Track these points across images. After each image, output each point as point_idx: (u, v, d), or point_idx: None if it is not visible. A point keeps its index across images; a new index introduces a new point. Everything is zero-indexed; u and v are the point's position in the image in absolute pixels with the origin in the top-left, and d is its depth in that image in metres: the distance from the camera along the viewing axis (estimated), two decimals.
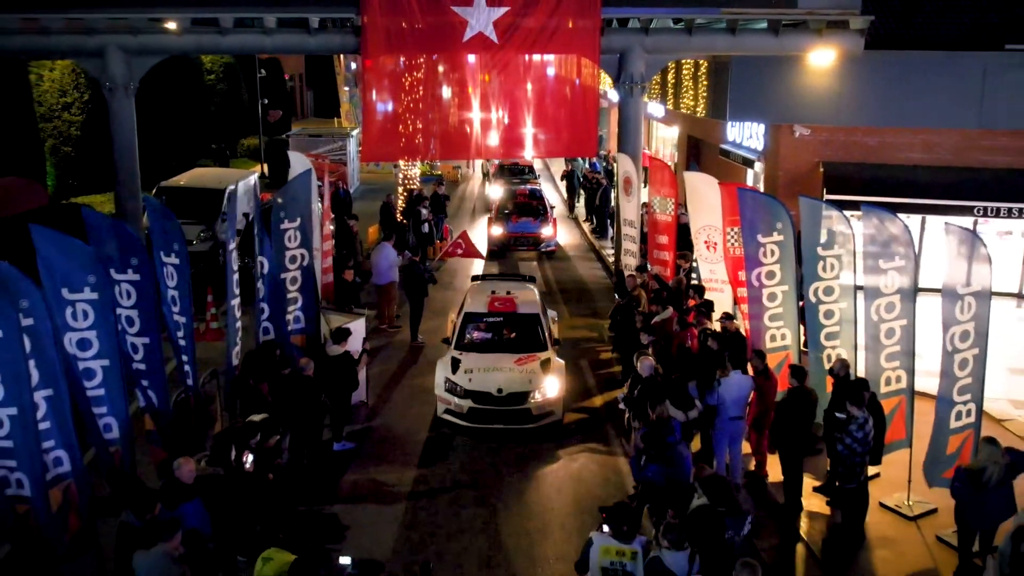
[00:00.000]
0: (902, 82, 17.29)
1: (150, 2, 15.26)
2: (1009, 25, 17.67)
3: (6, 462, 7.57)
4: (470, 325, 13.57)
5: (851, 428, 9.05)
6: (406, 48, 16.08)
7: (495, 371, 12.53)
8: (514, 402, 12.29)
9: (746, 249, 11.49)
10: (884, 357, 10.09)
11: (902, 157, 18.18)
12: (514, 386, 12.33)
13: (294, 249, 11.96)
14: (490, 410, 12.27)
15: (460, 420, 12.43)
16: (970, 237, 9.36)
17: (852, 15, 15.52)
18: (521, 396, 12.29)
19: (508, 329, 13.54)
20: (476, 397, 12.28)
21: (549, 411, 12.50)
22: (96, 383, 8.81)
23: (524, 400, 12.29)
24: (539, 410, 12.39)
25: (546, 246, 22.95)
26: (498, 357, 12.89)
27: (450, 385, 12.46)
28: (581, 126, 16.59)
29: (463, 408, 12.36)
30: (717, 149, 22.97)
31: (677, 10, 15.56)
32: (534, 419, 12.42)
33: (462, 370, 12.57)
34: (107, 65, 15.81)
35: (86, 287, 8.59)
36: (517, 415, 12.35)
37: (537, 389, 12.34)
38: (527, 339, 13.30)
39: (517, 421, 12.39)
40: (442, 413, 12.66)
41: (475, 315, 13.64)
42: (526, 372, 12.53)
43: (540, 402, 12.35)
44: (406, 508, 10.42)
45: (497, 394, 12.27)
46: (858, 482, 9.26)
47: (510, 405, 12.29)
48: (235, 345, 10.72)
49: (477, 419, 12.36)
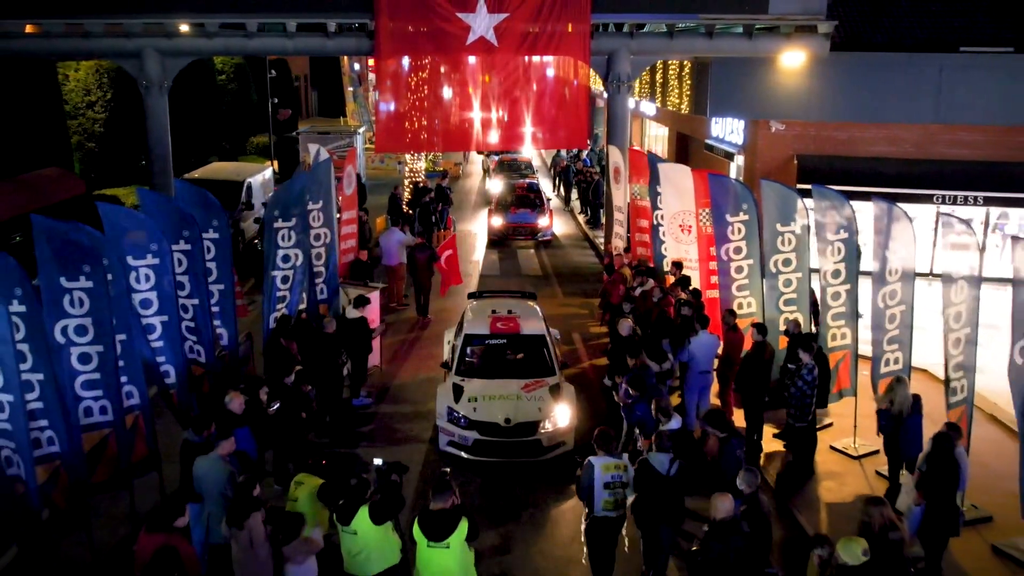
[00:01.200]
0: (868, 81, 18.82)
1: (184, 7, 16.85)
2: (964, 30, 19.25)
3: (94, 392, 9.16)
4: (470, 348, 12.55)
5: (802, 373, 10.63)
6: (414, 50, 17.67)
7: (502, 399, 11.55)
8: (523, 433, 11.31)
9: (716, 228, 13.08)
10: (830, 317, 11.69)
11: (869, 150, 19.70)
12: (523, 416, 11.34)
13: (318, 228, 13.47)
14: (498, 442, 11.31)
15: (464, 453, 11.45)
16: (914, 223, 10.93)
17: (818, 20, 17.11)
18: (531, 427, 11.33)
19: (512, 352, 12.61)
20: (482, 428, 11.31)
21: (560, 441, 11.52)
22: (156, 336, 10.38)
23: (534, 431, 11.34)
24: (550, 441, 11.43)
25: (542, 235, 24.49)
26: (504, 383, 11.88)
27: (453, 416, 11.48)
28: (574, 121, 18.19)
29: (468, 440, 11.40)
30: (703, 144, 24.54)
31: (660, 16, 17.17)
32: (545, 451, 11.45)
33: (465, 398, 11.60)
34: (144, 65, 17.42)
35: (148, 254, 10.17)
36: (527, 447, 11.37)
37: (547, 418, 11.38)
38: (533, 363, 12.35)
39: (527, 454, 11.42)
40: (444, 446, 11.66)
41: (476, 337, 12.64)
42: (535, 400, 11.58)
43: (551, 432, 11.38)
44: (426, 451, 11.93)
45: (505, 424, 11.29)
46: (807, 421, 10.83)
47: (519, 436, 11.32)
48: (272, 312, 12.28)
49: (483, 452, 11.38)
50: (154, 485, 9.86)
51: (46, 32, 17.07)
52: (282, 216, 12.06)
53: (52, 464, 8.65)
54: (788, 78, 19.00)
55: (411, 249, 17.89)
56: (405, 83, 18.56)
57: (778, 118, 19.79)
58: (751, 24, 17.28)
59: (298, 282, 12.61)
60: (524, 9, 16.88)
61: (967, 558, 9.51)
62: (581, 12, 16.89)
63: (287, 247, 12.21)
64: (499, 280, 20.82)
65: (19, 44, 17.69)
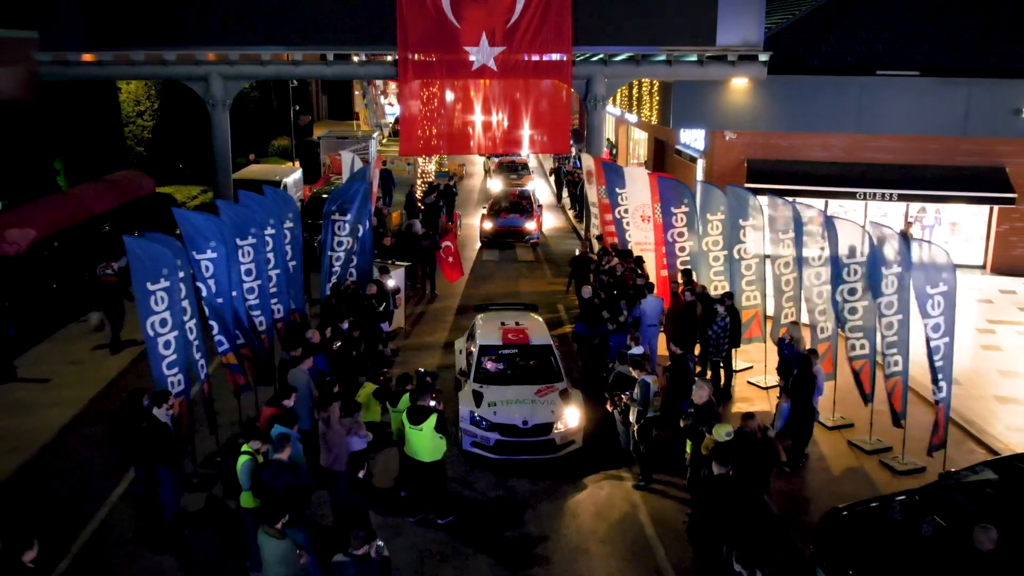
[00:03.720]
0: (804, 98, 22.77)
1: (243, 41, 20.79)
2: (884, 55, 23.20)
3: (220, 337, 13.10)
4: (485, 357, 13.87)
5: (717, 320, 14.62)
6: (429, 75, 21.64)
7: (518, 403, 12.82)
8: (539, 433, 12.59)
9: (663, 217, 17.06)
10: (744, 283, 15.68)
11: (807, 155, 23.60)
12: (538, 418, 12.62)
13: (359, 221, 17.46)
14: (516, 442, 12.60)
15: (487, 453, 12.74)
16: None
17: (757, 51, 21.09)
18: (546, 427, 12.61)
19: (523, 360, 13.92)
20: (502, 430, 12.58)
21: (571, 440, 12.87)
22: (254, 296, 14.27)
23: (548, 431, 12.62)
24: (562, 440, 12.76)
25: (530, 238, 26.50)
26: (519, 389, 13.17)
27: (475, 418, 12.74)
28: (558, 131, 22.17)
29: (490, 440, 12.68)
30: (674, 149, 28.54)
31: (628, 48, 21.14)
32: (558, 448, 12.77)
33: (486, 403, 12.88)
34: (210, 87, 21.41)
35: (250, 235, 14.08)
36: (542, 446, 12.69)
37: (560, 420, 12.69)
38: (543, 370, 13.69)
39: (542, 452, 12.71)
40: (468, 447, 12.88)
41: (490, 347, 14.01)
42: (548, 403, 12.84)
43: (563, 432, 12.71)
44: (442, 380, 15.92)
45: (523, 426, 12.59)
46: (721, 356, 14.81)
47: (535, 436, 12.60)
48: (327, 282, 16.25)
49: (504, 451, 12.66)
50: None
51: (131, 60, 21.02)
52: (339, 211, 16.07)
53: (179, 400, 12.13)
54: (739, 95, 22.95)
55: (418, 237, 21.89)
56: (421, 99, 22.51)
57: (731, 129, 23.73)
58: (702, 54, 21.24)
59: (347, 261, 16.60)
60: (518, 43, 20.85)
61: (829, 449, 13.49)
62: (564, 45, 20.86)
63: (342, 235, 16.21)
64: (497, 265, 24.79)
65: (108, 70, 21.72)
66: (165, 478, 10.58)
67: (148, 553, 10.66)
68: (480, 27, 20.67)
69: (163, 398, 10.67)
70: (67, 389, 15.43)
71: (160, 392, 10.84)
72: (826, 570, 9.39)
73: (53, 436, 13.73)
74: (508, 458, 12.66)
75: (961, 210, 23.59)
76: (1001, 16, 24.44)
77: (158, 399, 10.65)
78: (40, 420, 14.19)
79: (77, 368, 16.40)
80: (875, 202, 23.21)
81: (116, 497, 11.95)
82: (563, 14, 20.51)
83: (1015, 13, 24.49)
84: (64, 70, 21.10)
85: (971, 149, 22.75)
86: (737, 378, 15.91)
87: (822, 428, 13.94)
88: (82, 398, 15.06)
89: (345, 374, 13.76)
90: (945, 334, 11.54)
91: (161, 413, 10.52)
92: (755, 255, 15.65)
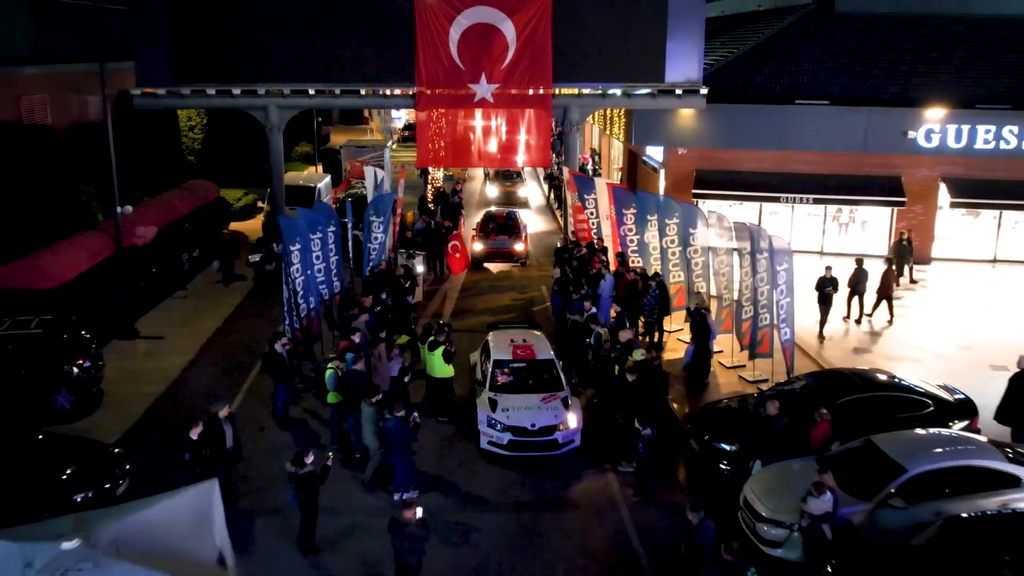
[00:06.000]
0: (740, 121, 28.39)
1: (294, 79, 26.50)
2: (803, 88, 28.88)
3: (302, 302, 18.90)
4: (498, 370, 16.18)
5: (650, 292, 20.36)
6: (440, 105, 27.34)
7: (527, 409, 15.18)
8: (545, 434, 15.00)
9: (617, 217, 22.82)
10: (670, 265, 21.45)
11: (744, 167, 29.23)
12: (544, 421, 15.06)
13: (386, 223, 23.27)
14: (525, 441, 15.02)
15: (501, 450, 15.14)
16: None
17: (698, 87, 26.82)
18: (550, 429, 15.05)
19: (530, 372, 16.18)
20: (514, 431, 14.99)
21: (571, 439, 15.21)
22: (321, 275, 20.04)
23: (552, 432, 15.04)
24: (564, 439, 15.12)
25: (519, 259, 28.76)
26: (527, 397, 15.49)
27: (491, 422, 15.15)
28: (540, 148, 27.86)
29: (503, 440, 15.08)
30: (642, 160, 34.25)
31: (595, 84, 26.89)
32: (560, 447, 15.11)
33: (500, 409, 15.23)
34: (268, 115, 27.15)
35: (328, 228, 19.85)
36: (547, 444, 15.07)
37: (562, 423, 15.12)
38: (547, 380, 16.05)
39: (547, 449, 15.08)
40: (485, 445, 15.21)
41: (502, 362, 16.36)
42: (552, 409, 15.22)
43: (565, 432, 15.14)
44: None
45: (531, 428, 15.03)
46: (654, 318, 20.56)
47: (542, 436, 15.01)
48: (367, 267, 22.04)
49: (515, 449, 15.02)
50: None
51: (205, 93, 26.76)
52: (376, 214, 21.87)
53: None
54: (688, 119, 28.62)
55: (437, 231, 27.64)
56: (433, 123, 28.18)
57: (683, 146, 29.41)
58: (654, 89, 26.97)
59: (380, 251, 22.40)
60: (510, 82, 26.56)
61: (724, 379, 19.18)
62: (546, 82, 26.55)
63: (377, 232, 22.00)
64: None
65: (187, 101, 27.48)
66: (280, 391, 16.41)
67: (271, 434, 16.47)
68: (480, 69, 26.43)
69: (278, 337, 16.47)
70: (179, 343, 21.20)
71: (276, 333, 16.66)
72: (693, 437, 15.19)
73: (179, 373, 19.52)
74: (519, 455, 15.08)
75: (870, 211, 29.30)
76: (905, 52, 30.20)
77: (275, 338, 16.45)
78: (166, 363, 19.96)
79: (182, 329, 22.18)
80: (799, 205, 28.98)
81: (239, 401, 17.77)
82: (544, 58, 26.25)
83: (916, 50, 30.27)
84: (153, 101, 26.84)
85: (875, 162, 28.43)
86: (670, 337, 21.64)
87: (723, 368, 19.67)
88: (192, 349, 20.87)
89: (385, 326, 19.59)
90: (787, 295, 17.25)
91: (278, 347, 16.31)
92: (678, 244, 21.43)
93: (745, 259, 18.89)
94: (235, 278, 26.19)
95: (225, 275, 26.06)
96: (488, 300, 25.34)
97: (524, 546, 13.01)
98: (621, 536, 13.33)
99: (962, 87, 28.41)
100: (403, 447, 13.67)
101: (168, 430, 16.29)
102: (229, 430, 13.61)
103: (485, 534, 13.29)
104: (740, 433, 14.72)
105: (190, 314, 23.26)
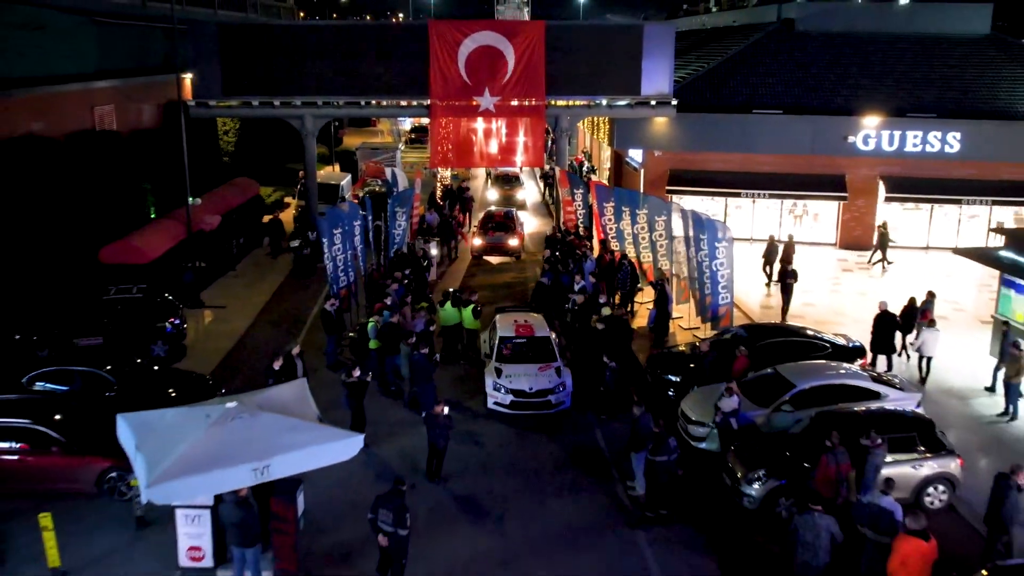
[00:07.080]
0: (707, 128, 33.06)
1: (325, 92, 31.22)
2: (762, 99, 33.59)
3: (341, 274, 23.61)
4: (503, 344, 19.33)
5: (623, 269, 25.04)
6: (450, 114, 32.07)
7: (526, 376, 18.39)
8: (540, 396, 18.26)
9: (599, 209, 27.52)
10: (640, 248, 26.14)
11: (712, 167, 33.85)
12: (539, 385, 18.30)
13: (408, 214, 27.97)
14: (524, 402, 18.25)
15: (504, 409, 18.31)
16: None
17: (669, 99, 31.56)
18: (545, 392, 18.26)
19: (530, 347, 19.29)
20: (515, 394, 18.22)
21: (563, 401, 18.43)
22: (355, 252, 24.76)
23: (547, 395, 18.26)
24: (556, 400, 18.33)
25: (513, 252, 32.04)
26: (527, 367, 18.67)
27: (496, 386, 18.31)
28: (535, 150, 32.60)
29: (506, 401, 18.26)
30: (625, 160, 38.96)
31: (582, 96, 31.63)
32: (553, 407, 18.32)
33: (504, 376, 18.39)
34: (303, 123, 31.89)
35: (355, 221, 24.58)
36: (542, 405, 18.30)
37: (555, 387, 18.32)
38: (544, 353, 19.21)
39: (542, 408, 18.28)
40: (491, 405, 18.46)
41: (506, 338, 19.51)
42: (546, 376, 18.40)
43: (557, 396, 18.31)
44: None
45: (529, 391, 18.21)
46: (626, 288, 25.23)
47: (538, 398, 18.26)
48: (392, 249, 26.73)
49: (516, 408, 18.25)
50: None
51: (250, 104, 31.49)
52: (399, 205, 26.60)
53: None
54: (663, 125, 33.30)
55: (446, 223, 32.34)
56: (443, 130, 32.87)
57: (659, 148, 34.08)
58: (632, 100, 31.70)
59: (402, 237, 27.11)
60: (509, 94, 31.31)
61: (681, 338, 23.80)
62: (540, 95, 31.32)
63: (401, 220, 26.73)
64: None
65: (235, 111, 32.27)
66: (330, 341, 21.13)
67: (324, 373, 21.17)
68: (484, 84, 31.19)
69: (327, 298, 21.18)
70: (239, 311, 25.90)
71: (326, 296, 21.39)
72: (649, 371, 19.93)
73: (243, 332, 24.22)
74: (519, 413, 18.37)
75: (821, 205, 33.96)
76: (852, 66, 34.91)
77: (324, 300, 21.18)
78: (232, 326, 24.65)
79: (239, 301, 26.88)
80: (759, 199, 33.67)
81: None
82: (539, 75, 31.02)
83: (862, 64, 34.97)
84: (206, 111, 31.58)
85: (823, 163, 33.09)
86: (640, 308, 26.31)
87: (681, 329, 24.34)
88: (251, 315, 25.59)
89: (409, 294, 24.33)
90: (727, 267, 21.91)
91: (327, 305, 21.02)
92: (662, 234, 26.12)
93: (691, 242, 23.60)
94: (281, 251, 32.05)
95: (273, 249, 32.02)
96: (492, 278, 29.98)
97: (519, 447, 17.67)
98: (591, 437, 18.04)
99: (898, 97, 33.12)
100: (425, 378, 18.30)
101: (242, 373, 20.95)
102: (300, 364, 18.26)
103: (489, 438, 17.97)
104: (684, 368, 19.42)
105: (243, 290, 27.98)
